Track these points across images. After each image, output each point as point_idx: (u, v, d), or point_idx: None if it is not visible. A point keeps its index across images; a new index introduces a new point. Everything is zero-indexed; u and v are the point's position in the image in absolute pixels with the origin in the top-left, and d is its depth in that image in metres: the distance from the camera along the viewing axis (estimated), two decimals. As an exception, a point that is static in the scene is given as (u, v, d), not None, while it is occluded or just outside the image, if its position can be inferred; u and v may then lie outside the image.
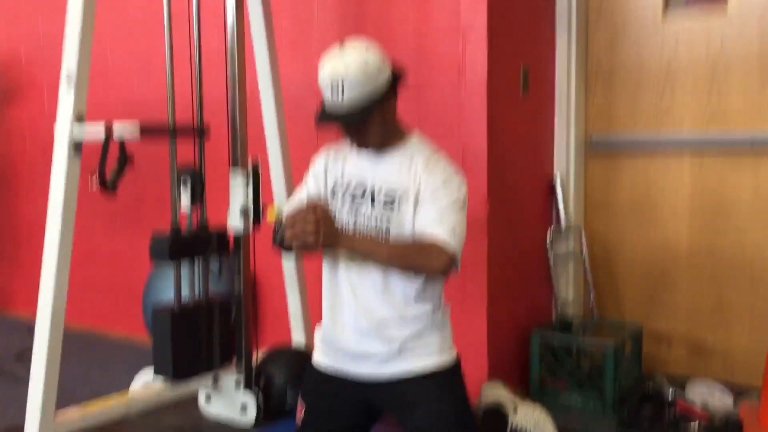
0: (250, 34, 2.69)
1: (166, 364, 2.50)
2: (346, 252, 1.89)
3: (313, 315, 2.83)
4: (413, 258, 1.86)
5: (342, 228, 1.91)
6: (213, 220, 2.66)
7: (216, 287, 2.72)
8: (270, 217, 1.94)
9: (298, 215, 1.81)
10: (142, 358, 3.36)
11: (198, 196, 2.56)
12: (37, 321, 2.16)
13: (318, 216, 1.80)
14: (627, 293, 3.14)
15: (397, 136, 2.02)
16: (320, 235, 1.79)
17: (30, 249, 2.14)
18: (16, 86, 4.26)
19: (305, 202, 2.07)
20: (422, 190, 1.92)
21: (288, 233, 1.82)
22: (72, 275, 2.23)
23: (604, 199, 3.15)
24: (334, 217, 1.91)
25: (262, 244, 2.96)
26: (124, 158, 2.18)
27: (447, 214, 1.88)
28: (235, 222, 2.51)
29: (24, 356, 2.30)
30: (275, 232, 2.04)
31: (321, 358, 2.10)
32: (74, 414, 2.24)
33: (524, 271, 2.95)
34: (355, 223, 1.97)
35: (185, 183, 2.53)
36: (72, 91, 2.11)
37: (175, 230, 2.53)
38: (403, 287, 1.94)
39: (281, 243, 1.96)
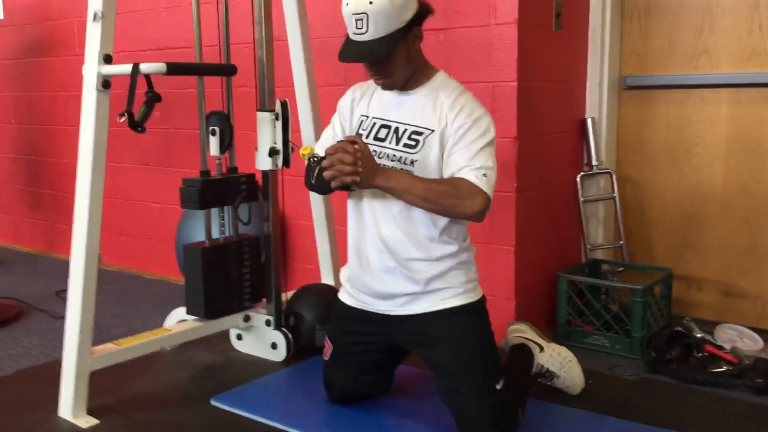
0: (276, -27, 2.66)
1: (199, 302, 2.55)
2: (381, 188, 1.87)
3: (342, 257, 2.85)
4: (448, 199, 1.85)
5: (381, 166, 1.89)
6: (242, 167, 2.68)
7: (245, 230, 2.76)
8: (303, 152, 1.91)
9: (337, 153, 1.79)
10: (176, 298, 3.45)
11: (227, 141, 2.56)
12: (71, 259, 2.21)
13: (357, 152, 1.79)
14: (658, 236, 3.10)
15: (423, 74, 2.00)
16: (360, 173, 1.79)
17: (70, 193, 2.18)
18: (50, 34, 4.28)
19: (336, 141, 2.07)
20: (450, 133, 1.91)
21: (327, 172, 1.81)
22: (106, 217, 2.26)
23: (637, 140, 3.09)
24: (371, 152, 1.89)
25: (290, 186, 2.99)
26: (152, 95, 2.18)
27: (479, 157, 1.87)
28: (263, 163, 2.52)
29: (63, 294, 2.38)
30: (308, 170, 2.04)
31: (347, 298, 2.13)
32: (110, 349, 2.31)
33: (553, 213, 2.92)
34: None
35: (214, 127, 2.54)
36: (99, 29, 2.10)
37: (205, 176, 2.55)
38: (427, 226, 1.94)
39: (316, 182, 1.94)
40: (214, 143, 2.54)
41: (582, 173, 3.02)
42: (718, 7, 2.85)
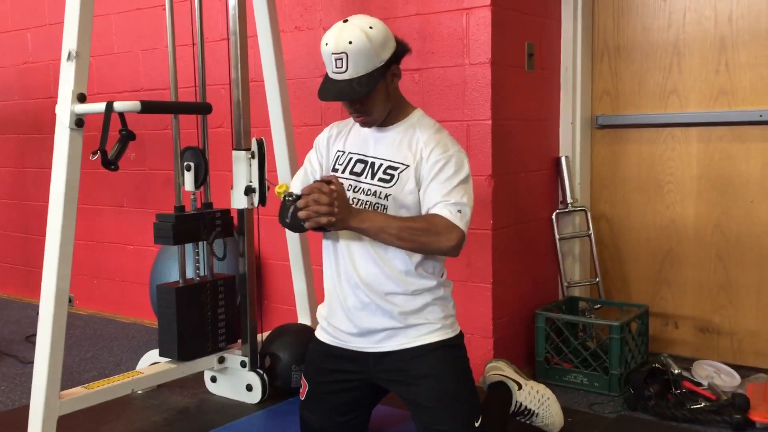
0: (252, 15, 2.69)
1: (172, 343, 2.51)
2: (356, 230, 1.88)
3: (318, 296, 2.83)
4: (422, 236, 1.86)
5: (355, 208, 1.90)
6: (217, 205, 2.66)
7: (220, 269, 2.73)
8: (278, 189, 1.90)
9: (312, 193, 1.80)
10: (150, 341, 3.39)
11: (202, 176, 2.56)
12: (41, 301, 2.16)
13: (332, 193, 1.80)
14: (634, 273, 3.12)
15: (401, 111, 2.02)
16: (335, 214, 1.79)
17: (42, 236, 2.17)
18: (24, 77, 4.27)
19: (312, 176, 2.07)
20: (426, 169, 1.92)
21: (302, 212, 1.81)
22: (79, 260, 2.23)
23: (611, 178, 3.13)
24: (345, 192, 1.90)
25: (266, 226, 2.97)
26: (126, 133, 2.17)
27: (453, 193, 1.88)
28: (239, 202, 2.50)
29: (33, 339, 2.33)
30: (282, 208, 2.02)
31: (323, 335, 2.11)
32: (79, 393, 2.25)
33: (530, 251, 2.93)
34: (354, 200, 1.96)
35: (189, 162, 2.53)
36: (73, 68, 2.10)
37: (179, 212, 2.53)
38: (403, 261, 1.94)
39: (291, 220, 1.92)
40: (189, 178, 2.53)
41: (557, 211, 3.04)
42: (685, 48, 2.92)
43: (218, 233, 2.57)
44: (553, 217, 3.03)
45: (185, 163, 2.53)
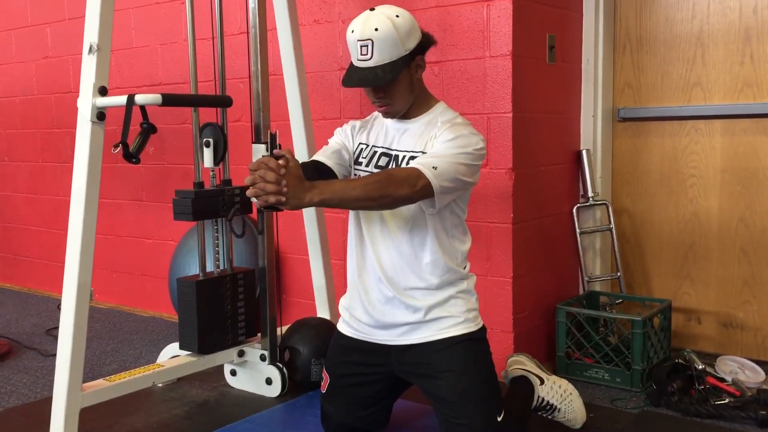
0: (272, 9, 2.68)
1: (192, 337, 2.51)
2: (316, 205, 1.74)
3: (338, 290, 2.83)
4: (386, 184, 1.75)
5: (309, 182, 1.72)
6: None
7: (240, 262, 2.73)
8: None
9: (259, 169, 1.65)
10: (170, 335, 3.40)
11: (221, 153, 2.54)
12: (63, 295, 2.17)
13: (279, 168, 1.65)
14: (656, 268, 3.08)
15: (424, 104, 2.01)
16: (285, 193, 1.66)
17: (64, 231, 2.17)
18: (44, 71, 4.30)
19: (332, 152, 2.02)
20: (433, 144, 1.89)
21: (249, 190, 1.67)
22: (99, 254, 2.24)
23: (632, 172, 3.09)
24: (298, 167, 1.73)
25: (285, 220, 2.97)
26: (147, 126, 2.17)
27: (439, 156, 1.82)
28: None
29: (54, 332, 2.34)
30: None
31: (345, 328, 2.10)
32: (100, 385, 2.26)
33: (550, 245, 2.91)
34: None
35: (208, 138, 2.52)
36: (94, 61, 2.10)
37: (198, 188, 2.52)
38: (429, 253, 1.92)
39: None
40: (208, 155, 2.53)
41: (578, 205, 3.01)
42: (709, 40, 2.88)
43: (237, 210, 2.55)
44: (574, 211, 3.00)
45: (204, 140, 2.52)
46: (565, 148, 2.98)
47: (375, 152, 2.01)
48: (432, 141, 1.91)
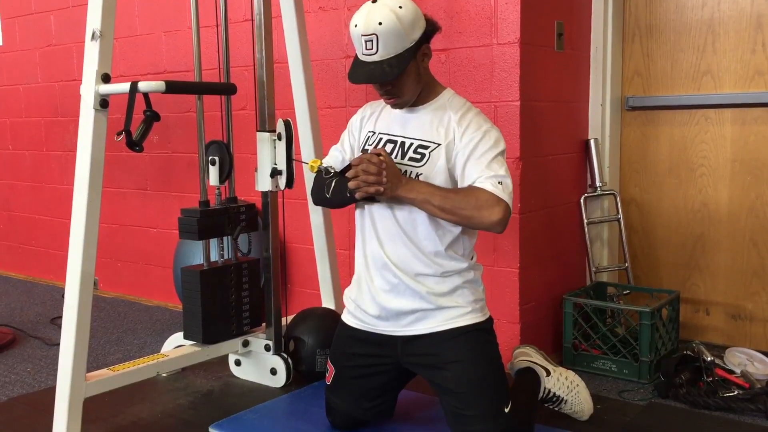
0: (276, -6, 2.65)
1: (196, 327, 2.50)
2: (404, 199, 1.86)
3: (343, 280, 2.81)
4: (466, 210, 1.81)
5: (405, 177, 1.89)
6: (242, 193, 2.64)
7: (244, 246, 2.71)
8: (312, 164, 1.94)
9: (362, 163, 1.81)
10: (174, 324, 3.39)
11: (227, 171, 2.52)
12: (66, 284, 2.16)
13: (381, 163, 1.80)
14: (664, 258, 3.05)
15: (431, 91, 1.99)
16: (384, 184, 1.80)
17: (67, 219, 2.16)
18: (48, 59, 4.28)
19: (344, 159, 2.05)
20: (460, 148, 1.88)
21: (352, 182, 1.82)
22: (103, 243, 2.22)
23: (641, 161, 3.06)
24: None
25: (290, 210, 2.95)
26: (151, 113, 2.14)
27: (492, 166, 1.84)
28: (264, 184, 2.46)
29: (58, 321, 2.33)
30: (317, 183, 2.05)
31: (350, 319, 2.08)
32: (104, 375, 2.25)
33: (557, 235, 2.88)
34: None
35: (213, 156, 2.50)
36: (97, 48, 2.08)
37: (204, 206, 2.52)
38: (433, 242, 1.91)
39: (332, 195, 1.96)
40: (213, 173, 2.51)
41: (586, 195, 2.98)
42: (720, 28, 2.84)
43: (243, 228, 2.55)
44: (582, 200, 2.97)
45: (210, 158, 2.50)
46: (573, 137, 2.95)
47: (381, 139, 2.00)
48: (448, 135, 1.89)
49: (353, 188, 1.83)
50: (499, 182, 1.81)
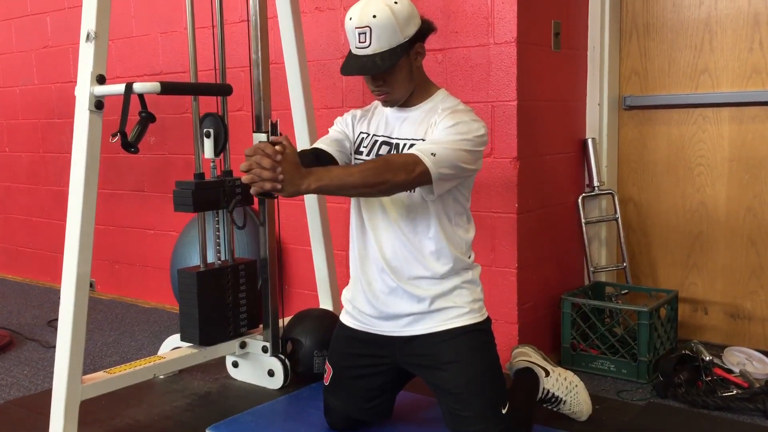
0: (272, -6, 2.64)
1: (193, 328, 2.49)
2: (314, 192, 1.71)
3: (340, 281, 2.80)
4: (383, 170, 1.71)
5: (306, 169, 1.69)
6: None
7: (241, 253, 2.70)
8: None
9: (255, 154, 1.62)
10: (172, 326, 3.38)
11: (221, 144, 2.51)
12: (62, 286, 2.15)
13: (276, 155, 1.62)
14: (662, 258, 3.05)
15: (424, 91, 1.98)
16: (280, 180, 1.62)
17: (64, 221, 2.17)
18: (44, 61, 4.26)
19: (336, 138, 2.00)
20: (432, 131, 1.85)
21: (245, 177, 1.63)
22: (100, 245, 2.21)
23: (639, 161, 3.05)
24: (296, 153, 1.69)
25: (287, 211, 2.94)
26: (146, 114, 2.13)
27: (438, 143, 1.78)
28: (259, 185, 2.45)
29: (55, 323, 2.32)
30: None
31: (348, 319, 2.07)
32: (101, 377, 2.23)
33: (555, 235, 2.87)
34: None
35: (208, 129, 2.48)
36: (92, 49, 2.07)
37: (199, 179, 2.49)
38: (433, 242, 1.89)
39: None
40: (208, 146, 2.49)
41: (583, 194, 2.98)
42: (717, 26, 2.83)
43: (238, 201, 2.52)
44: (579, 200, 2.97)
45: (204, 130, 2.49)
46: (570, 136, 2.94)
47: (376, 141, 1.99)
48: (432, 128, 1.88)
49: (246, 182, 1.63)
50: (432, 153, 1.73)
